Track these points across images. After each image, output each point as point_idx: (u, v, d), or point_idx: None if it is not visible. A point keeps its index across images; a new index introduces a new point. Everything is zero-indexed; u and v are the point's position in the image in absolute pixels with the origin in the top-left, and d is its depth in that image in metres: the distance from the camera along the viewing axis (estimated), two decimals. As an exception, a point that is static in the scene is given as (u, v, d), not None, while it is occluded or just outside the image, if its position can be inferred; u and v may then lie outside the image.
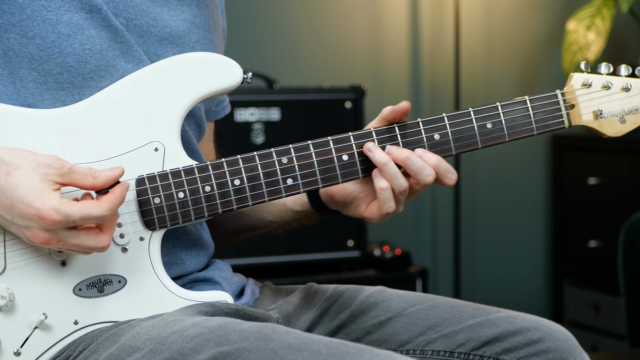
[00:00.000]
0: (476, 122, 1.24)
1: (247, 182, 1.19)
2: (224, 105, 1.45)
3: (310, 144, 1.21)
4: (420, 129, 1.23)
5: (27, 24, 1.14)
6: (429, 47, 3.43)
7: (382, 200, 1.19)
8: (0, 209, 1.08)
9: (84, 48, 1.16)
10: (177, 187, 1.17)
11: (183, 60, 1.20)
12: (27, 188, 1.06)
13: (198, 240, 1.28)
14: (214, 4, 1.36)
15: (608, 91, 1.27)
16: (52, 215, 1.05)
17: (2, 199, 1.07)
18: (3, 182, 1.07)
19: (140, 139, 1.18)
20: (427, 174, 1.19)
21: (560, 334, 1.24)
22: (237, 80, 1.21)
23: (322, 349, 1.03)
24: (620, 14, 3.25)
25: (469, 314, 1.28)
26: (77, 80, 1.16)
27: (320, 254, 2.80)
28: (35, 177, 1.07)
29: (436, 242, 3.49)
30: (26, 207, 1.06)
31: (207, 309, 1.17)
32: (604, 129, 1.28)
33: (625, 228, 2.18)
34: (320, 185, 1.21)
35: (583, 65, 1.28)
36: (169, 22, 1.24)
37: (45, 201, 1.06)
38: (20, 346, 1.14)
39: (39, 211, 1.05)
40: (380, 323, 1.30)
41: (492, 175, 3.53)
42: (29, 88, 1.15)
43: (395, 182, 1.19)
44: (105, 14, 1.17)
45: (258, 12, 3.20)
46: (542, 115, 1.26)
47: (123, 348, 1.11)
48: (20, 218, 1.07)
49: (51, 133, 1.16)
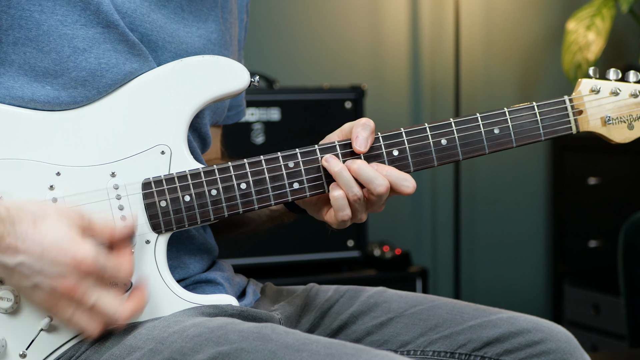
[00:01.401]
0: (483, 127, 1.24)
1: (254, 186, 1.19)
2: (238, 110, 1.45)
3: (318, 148, 1.21)
4: (427, 134, 1.22)
5: (44, 39, 1.14)
6: (429, 47, 3.43)
7: (336, 208, 1.19)
8: (28, 259, 1.05)
9: (100, 62, 1.15)
10: (184, 191, 1.17)
11: (190, 63, 1.19)
12: (59, 235, 1.05)
13: (202, 244, 1.28)
14: (233, 17, 1.36)
15: (616, 97, 1.26)
16: (88, 260, 1.05)
17: (31, 247, 1.05)
18: (32, 232, 1.05)
19: (146, 142, 1.18)
20: (379, 184, 1.18)
21: (562, 335, 1.24)
22: (244, 84, 1.21)
23: (321, 349, 1.03)
24: (620, 14, 3.25)
25: (469, 314, 1.27)
26: (91, 94, 1.16)
27: (320, 254, 2.80)
28: (62, 225, 1.06)
29: (436, 242, 3.49)
30: (60, 252, 1.05)
31: (210, 311, 1.17)
32: (612, 135, 1.27)
33: (625, 228, 2.18)
34: (327, 190, 1.20)
35: (592, 71, 1.27)
36: (185, 39, 1.24)
37: (80, 247, 1.05)
38: (26, 348, 1.13)
39: (75, 256, 1.04)
40: (381, 324, 1.30)
41: (492, 175, 3.53)
42: (39, 102, 1.15)
43: (349, 190, 1.18)
44: (122, 29, 1.16)
45: (258, 12, 3.20)
46: (549, 121, 1.25)
47: (124, 347, 1.11)
48: (51, 265, 1.05)
49: (57, 135, 1.16)
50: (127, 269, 1.09)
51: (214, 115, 1.32)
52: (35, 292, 1.07)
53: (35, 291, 1.07)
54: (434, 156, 1.22)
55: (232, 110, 1.44)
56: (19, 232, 1.05)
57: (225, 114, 1.37)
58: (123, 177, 1.16)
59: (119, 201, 1.16)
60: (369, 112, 2.86)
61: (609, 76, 1.27)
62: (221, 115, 1.35)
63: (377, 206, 1.21)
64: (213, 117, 1.32)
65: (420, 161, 1.22)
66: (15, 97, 1.15)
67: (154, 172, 1.17)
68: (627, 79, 1.27)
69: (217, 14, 1.31)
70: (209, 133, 1.31)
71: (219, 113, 1.34)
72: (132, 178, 1.16)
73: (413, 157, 1.22)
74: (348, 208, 1.19)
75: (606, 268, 3.15)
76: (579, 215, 3.38)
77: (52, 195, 1.14)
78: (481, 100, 3.48)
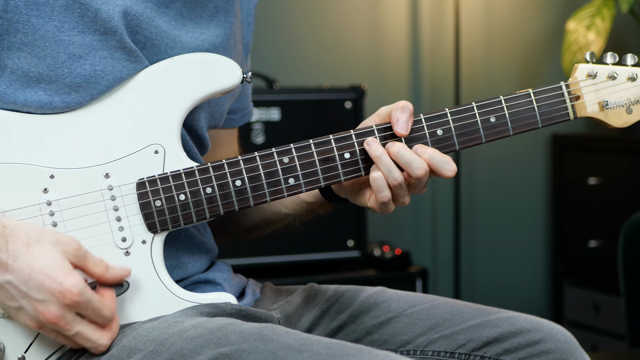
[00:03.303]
0: (479, 116, 1.23)
1: (249, 183, 1.18)
2: (243, 113, 1.45)
3: (312, 143, 1.20)
4: (423, 125, 1.22)
5: (40, 44, 1.13)
6: (429, 47, 3.43)
7: (376, 189, 1.18)
8: (16, 280, 1.05)
9: (95, 69, 1.15)
10: (178, 190, 1.17)
11: (181, 61, 1.19)
12: (50, 263, 1.05)
13: (201, 244, 1.28)
14: (237, 21, 1.36)
15: (614, 81, 1.25)
16: (74, 292, 1.05)
17: (21, 267, 1.05)
18: (24, 253, 1.05)
19: (140, 142, 1.17)
20: (417, 167, 1.18)
21: (561, 335, 1.24)
22: (237, 80, 1.20)
23: (322, 349, 1.03)
24: (620, 14, 3.24)
25: (469, 314, 1.27)
26: (85, 99, 1.16)
27: (320, 254, 2.80)
28: (55, 253, 1.06)
29: (436, 242, 3.49)
30: (47, 279, 1.05)
31: (209, 310, 1.16)
32: (610, 119, 1.25)
33: (625, 228, 2.17)
34: (322, 184, 1.20)
35: (588, 56, 1.25)
36: (188, 44, 1.24)
37: (68, 278, 1.05)
38: (25, 351, 1.13)
39: (61, 285, 1.05)
40: (380, 323, 1.30)
41: (492, 175, 3.53)
42: (32, 107, 1.14)
43: (389, 175, 1.18)
44: (120, 36, 1.15)
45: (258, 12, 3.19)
46: (546, 107, 1.24)
47: (123, 349, 1.11)
48: (36, 290, 1.05)
49: (50, 138, 1.15)
50: (110, 309, 1.09)
51: (211, 118, 1.31)
52: (20, 314, 1.07)
53: (20, 313, 1.07)
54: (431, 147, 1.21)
55: (237, 113, 1.43)
56: (11, 250, 1.05)
57: (224, 117, 1.36)
58: (117, 177, 1.16)
59: (113, 202, 1.16)
60: (369, 112, 2.86)
61: (605, 60, 1.26)
62: (220, 118, 1.34)
63: (417, 189, 1.21)
64: (210, 119, 1.31)
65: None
66: (8, 102, 1.14)
67: (148, 171, 1.17)
68: (624, 62, 1.26)
69: (219, 18, 1.30)
70: (205, 135, 1.30)
71: (217, 116, 1.33)
72: (126, 178, 1.16)
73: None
74: (387, 189, 1.18)
75: (606, 268, 3.14)
76: (578, 215, 3.38)
77: (46, 198, 1.14)
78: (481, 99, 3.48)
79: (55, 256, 1.06)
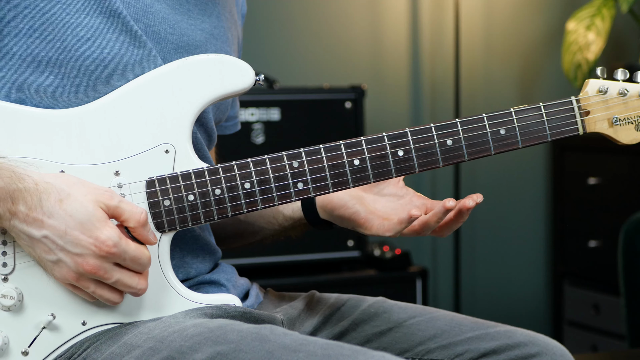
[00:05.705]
0: (489, 127, 1.22)
1: (258, 186, 1.18)
2: (235, 121, 1.45)
3: (322, 147, 1.20)
4: (433, 134, 1.21)
5: (47, 28, 1.14)
6: (429, 47, 3.43)
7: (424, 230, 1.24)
8: (52, 233, 1.07)
9: (103, 52, 1.15)
10: (187, 190, 1.17)
11: (195, 61, 1.19)
12: (83, 217, 1.07)
13: (206, 245, 1.29)
14: (233, 18, 1.36)
15: (624, 98, 1.25)
16: (109, 244, 1.07)
17: (56, 224, 1.07)
18: (58, 209, 1.07)
19: (150, 141, 1.17)
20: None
21: (557, 349, 1.27)
22: (249, 83, 1.20)
23: (318, 350, 1.03)
24: (620, 14, 3.25)
25: (468, 327, 1.29)
26: (94, 83, 1.16)
27: (320, 254, 2.80)
28: (88, 205, 1.08)
29: (436, 242, 3.49)
30: (82, 234, 1.07)
31: (212, 312, 1.17)
32: (619, 136, 1.26)
33: (625, 228, 2.18)
34: (330, 190, 1.20)
35: (599, 71, 1.26)
36: (187, 32, 1.24)
37: (103, 230, 1.07)
38: (28, 346, 1.14)
39: (96, 239, 1.07)
40: (380, 332, 1.31)
41: (492, 174, 3.53)
42: (45, 92, 1.15)
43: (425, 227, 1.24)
44: (125, 19, 1.16)
45: (258, 12, 3.20)
46: (556, 122, 1.24)
47: (124, 346, 1.11)
48: (73, 245, 1.07)
49: (61, 133, 1.15)
50: (147, 256, 1.11)
51: (218, 112, 1.32)
52: (58, 267, 1.09)
53: (58, 266, 1.09)
54: (440, 157, 1.21)
55: (229, 121, 1.44)
56: (45, 207, 1.07)
57: (228, 112, 1.37)
58: (127, 175, 1.16)
59: None
60: (369, 112, 2.86)
61: (616, 76, 1.26)
62: (224, 112, 1.35)
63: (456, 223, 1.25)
64: (217, 113, 1.32)
65: (425, 162, 1.21)
66: (21, 89, 1.15)
67: (158, 171, 1.17)
68: (635, 79, 1.26)
69: (219, 11, 1.30)
70: (214, 128, 1.31)
71: (222, 110, 1.34)
72: (136, 177, 1.16)
73: (418, 157, 1.21)
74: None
75: (606, 268, 3.15)
76: (578, 215, 3.38)
77: None
78: (481, 100, 3.48)
79: (88, 208, 1.08)
